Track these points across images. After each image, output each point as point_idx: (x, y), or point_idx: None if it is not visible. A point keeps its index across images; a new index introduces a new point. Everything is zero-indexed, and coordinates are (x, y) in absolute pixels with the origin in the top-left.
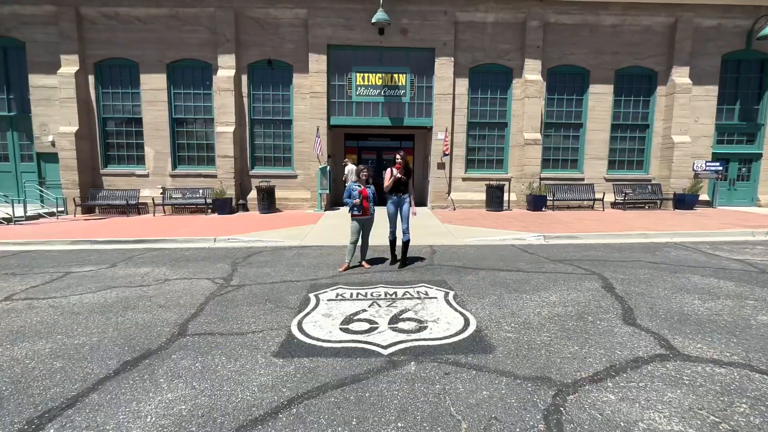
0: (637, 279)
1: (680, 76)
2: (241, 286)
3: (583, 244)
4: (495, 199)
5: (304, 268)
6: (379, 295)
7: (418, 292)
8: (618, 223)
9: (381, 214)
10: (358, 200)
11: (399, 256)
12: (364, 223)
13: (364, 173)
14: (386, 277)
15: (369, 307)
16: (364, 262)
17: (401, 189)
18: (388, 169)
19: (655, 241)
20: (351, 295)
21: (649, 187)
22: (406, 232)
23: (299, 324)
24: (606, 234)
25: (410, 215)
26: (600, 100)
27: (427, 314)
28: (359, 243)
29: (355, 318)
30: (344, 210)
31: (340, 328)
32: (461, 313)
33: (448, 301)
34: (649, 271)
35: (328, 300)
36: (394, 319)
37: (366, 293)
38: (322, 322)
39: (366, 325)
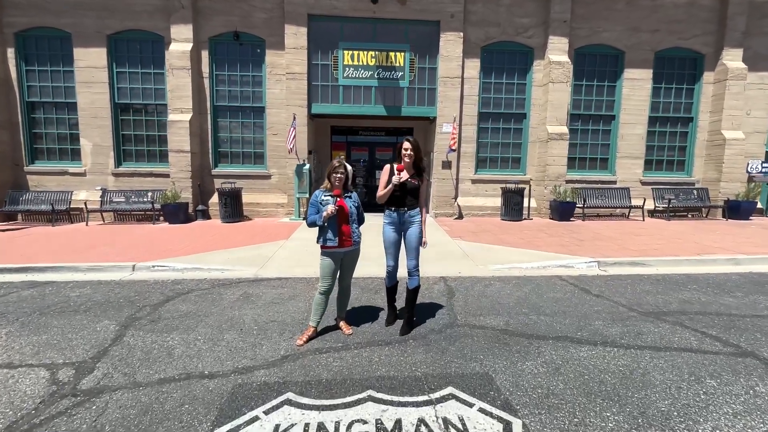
0: None
1: (732, 59)
2: (93, 395)
3: (658, 277)
4: (513, 205)
5: (240, 333)
6: None
7: (445, 423)
8: (679, 239)
9: (371, 228)
10: (332, 207)
11: (400, 302)
12: (342, 259)
13: (339, 174)
14: (379, 361)
15: None
16: (342, 323)
17: (406, 201)
18: (386, 167)
19: (753, 270)
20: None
21: (695, 192)
22: (412, 273)
23: None
24: (679, 259)
25: (420, 245)
26: (636, 88)
27: None
28: (335, 289)
29: None
30: None
31: None
32: None
33: None
34: None
35: None
36: None
37: (338, 426)
38: None
39: None
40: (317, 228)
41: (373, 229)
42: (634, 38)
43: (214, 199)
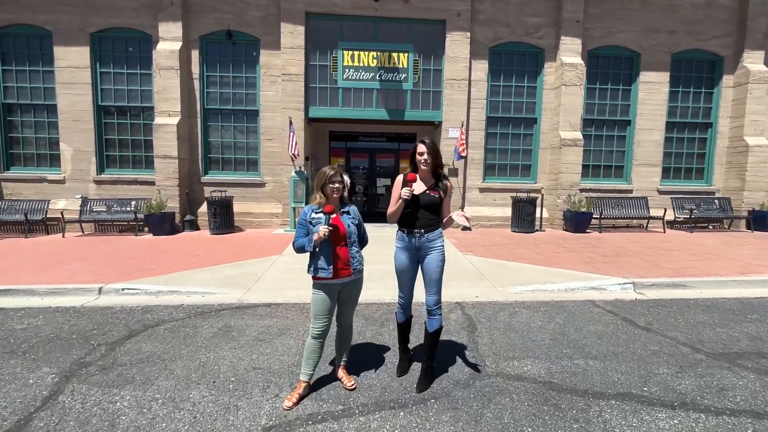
0: None
1: (753, 61)
2: None
3: (707, 302)
4: (525, 216)
5: (212, 388)
6: None
7: None
8: (712, 254)
9: (375, 240)
10: (324, 229)
11: (414, 337)
12: (339, 292)
13: (337, 184)
14: None
15: None
16: (341, 371)
17: (422, 220)
18: (398, 178)
19: None
20: None
21: (716, 201)
22: (433, 312)
23: None
24: (724, 280)
25: (442, 275)
26: (652, 92)
27: None
28: (333, 329)
29: None
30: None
31: None
32: None
33: None
34: None
35: None
36: None
37: None
38: None
39: None
40: (302, 246)
41: (377, 242)
42: (650, 39)
43: (204, 208)
